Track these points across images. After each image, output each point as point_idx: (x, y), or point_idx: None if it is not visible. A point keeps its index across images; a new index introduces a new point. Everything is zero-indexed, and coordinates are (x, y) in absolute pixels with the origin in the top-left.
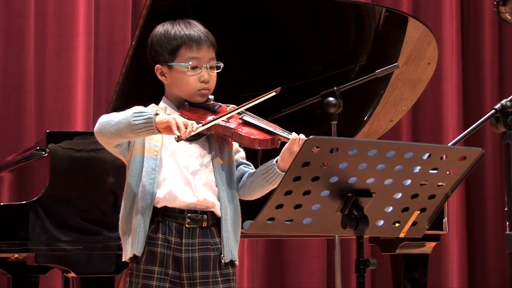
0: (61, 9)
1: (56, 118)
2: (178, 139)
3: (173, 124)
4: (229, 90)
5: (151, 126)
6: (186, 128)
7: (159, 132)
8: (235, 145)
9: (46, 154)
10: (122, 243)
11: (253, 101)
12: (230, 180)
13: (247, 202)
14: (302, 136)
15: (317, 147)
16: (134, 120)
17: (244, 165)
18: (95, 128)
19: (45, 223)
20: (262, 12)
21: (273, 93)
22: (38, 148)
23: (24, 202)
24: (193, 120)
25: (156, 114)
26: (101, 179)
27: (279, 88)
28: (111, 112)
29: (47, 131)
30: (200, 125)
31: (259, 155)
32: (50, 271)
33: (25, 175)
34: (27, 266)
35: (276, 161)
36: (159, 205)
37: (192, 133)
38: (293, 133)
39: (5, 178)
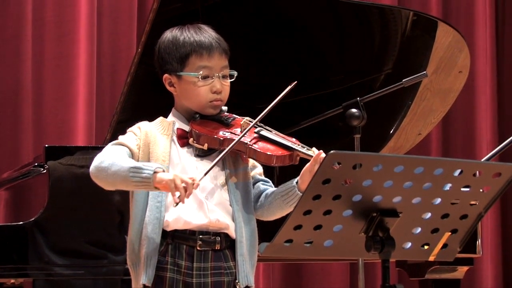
0: (61, 13)
1: (56, 131)
2: (176, 204)
3: (172, 188)
4: (243, 101)
5: (148, 185)
6: (186, 189)
7: (157, 189)
8: (251, 160)
9: (45, 171)
10: (131, 273)
11: (270, 107)
12: (246, 199)
13: (263, 223)
14: (324, 155)
15: (339, 163)
16: (131, 177)
17: (262, 182)
18: (91, 171)
19: (44, 245)
20: (280, 17)
21: (290, 88)
22: (36, 164)
23: (21, 222)
24: (204, 134)
25: (155, 172)
26: (105, 198)
27: (295, 82)
28: (115, 127)
29: (46, 145)
30: (202, 175)
31: (275, 172)
32: None
33: (22, 193)
34: None
35: (297, 182)
36: (168, 229)
37: (193, 190)
38: (314, 148)
39: (1, 196)
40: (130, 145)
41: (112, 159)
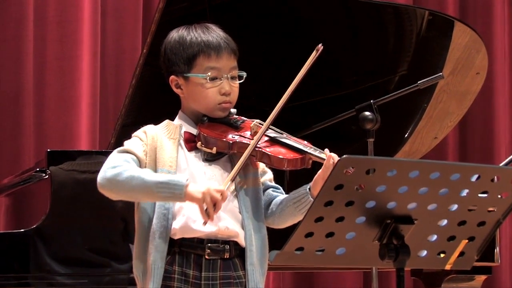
0: (63, 13)
1: (58, 135)
2: (205, 224)
3: (202, 209)
4: (253, 103)
5: (179, 199)
6: (215, 206)
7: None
8: (261, 165)
9: (47, 176)
10: (137, 282)
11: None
12: (256, 205)
13: (273, 230)
14: (335, 156)
15: (352, 168)
16: (158, 192)
17: (273, 189)
18: (101, 182)
19: (45, 253)
20: (291, 16)
21: (315, 56)
22: (37, 169)
23: (22, 230)
24: (213, 138)
25: (186, 185)
26: (109, 204)
27: (320, 45)
28: (119, 130)
29: (48, 150)
30: (229, 183)
31: (286, 177)
32: None
33: (23, 200)
34: None
35: (309, 188)
36: (176, 237)
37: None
38: (326, 150)
39: (1, 203)
40: (137, 153)
41: (130, 172)
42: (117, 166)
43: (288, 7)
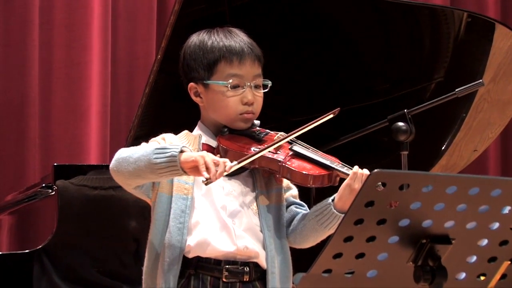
0: (71, 16)
1: (66, 148)
2: (207, 182)
3: (201, 164)
4: (278, 114)
5: (175, 166)
6: (217, 168)
7: (185, 173)
8: (286, 181)
9: (53, 193)
10: None
11: (307, 126)
12: (279, 224)
13: (298, 250)
14: (365, 171)
15: (384, 183)
16: (155, 158)
17: (296, 206)
18: (111, 166)
19: (52, 275)
20: (318, 19)
21: (331, 116)
22: (43, 185)
23: (27, 251)
24: (233, 150)
25: (181, 151)
26: (120, 223)
27: (338, 109)
28: (132, 143)
29: (55, 164)
30: (235, 162)
31: (312, 194)
32: None
33: (28, 218)
34: None
35: (333, 200)
36: (190, 255)
37: (225, 173)
38: (355, 167)
39: (4, 221)
40: None
41: (134, 149)
42: (124, 149)
43: (316, 10)
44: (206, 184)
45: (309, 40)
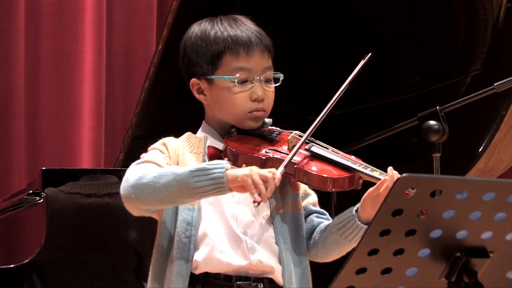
0: (61, 1)
1: (55, 150)
2: (258, 205)
3: (250, 185)
4: (291, 110)
5: (221, 188)
6: (266, 184)
7: (231, 191)
8: (303, 186)
9: (41, 200)
10: None
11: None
12: (297, 235)
13: (317, 264)
14: (395, 173)
15: (413, 189)
16: (195, 182)
17: (316, 215)
18: (124, 192)
19: None
20: (338, 5)
21: (363, 63)
22: (30, 191)
23: (12, 265)
24: (242, 153)
25: (226, 169)
26: (118, 235)
27: (370, 54)
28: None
29: (42, 168)
30: (281, 169)
31: (333, 199)
32: None
33: (13, 228)
34: None
35: (357, 211)
36: (197, 271)
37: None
38: (390, 168)
39: None
40: (160, 163)
41: (156, 171)
42: (140, 171)
43: None
44: (256, 206)
45: (328, 29)
